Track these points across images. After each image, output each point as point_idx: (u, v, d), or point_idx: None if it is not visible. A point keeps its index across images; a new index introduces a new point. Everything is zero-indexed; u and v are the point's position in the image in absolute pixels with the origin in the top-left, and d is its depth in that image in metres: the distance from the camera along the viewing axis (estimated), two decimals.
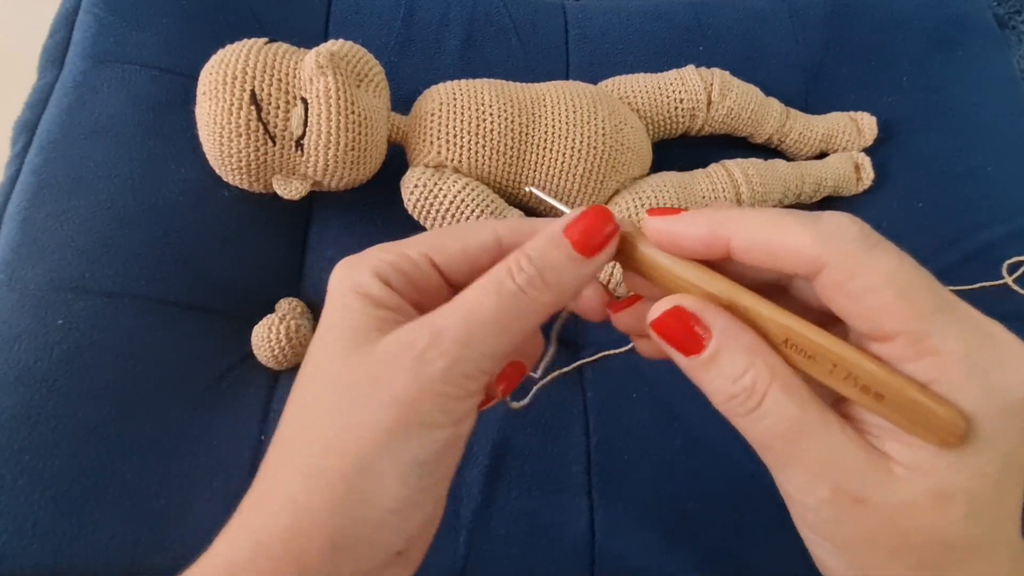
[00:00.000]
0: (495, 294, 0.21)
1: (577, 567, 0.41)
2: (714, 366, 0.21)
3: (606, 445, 0.44)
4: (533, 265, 0.21)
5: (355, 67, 0.43)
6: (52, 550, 0.36)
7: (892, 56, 0.61)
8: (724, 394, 0.21)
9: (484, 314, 0.21)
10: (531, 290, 0.21)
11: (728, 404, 0.21)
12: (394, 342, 0.21)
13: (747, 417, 0.21)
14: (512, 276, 0.21)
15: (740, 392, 0.20)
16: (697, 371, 0.21)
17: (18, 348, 0.40)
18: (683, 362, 0.21)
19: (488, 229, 0.24)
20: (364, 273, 0.23)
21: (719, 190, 0.49)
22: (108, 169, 0.45)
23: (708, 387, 0.21)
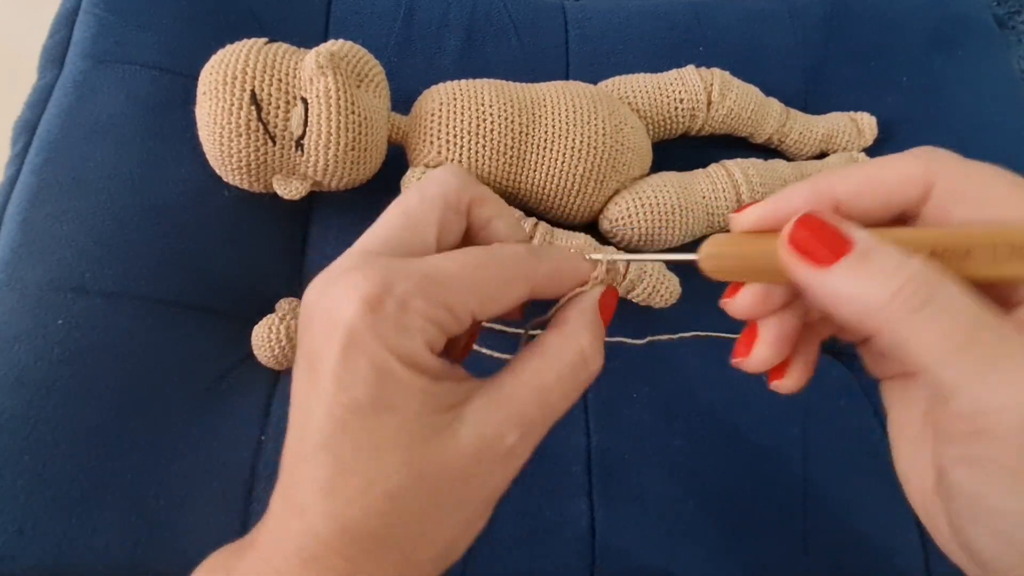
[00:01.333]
0: (574, 382, 0.22)
1: (577, 567, 0.41)
2: (867, 265, 0.18)
3: (606, 445, 0.45)
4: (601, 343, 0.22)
5: (355, 67, 0.43)
6: (52, 550, 0.36)
7: (892, 56, 0.61)
8: (885, 293, 0.18)
9: (565, 404, 0.22)
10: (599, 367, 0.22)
11: (892, 305, 0.18)
12: (478, 436, 0.20)
13: (921, 312, 0.17)
14: (590, 363, 0.22)
15: (906, 283, 0.17)
16: (847, 277, 0.18)
17: (18, 348, 0.40)
18: (823, 278, 0.19)
19: (526, 283, 0.22)
20: (417, 342, 0.20)
21: (719, 190, 0.49)
22: (108, 169, 0.45)
23: (862, 293, 0.18)
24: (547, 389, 0.21)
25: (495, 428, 0.20)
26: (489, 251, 0.22)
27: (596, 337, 0.22)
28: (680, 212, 0.47)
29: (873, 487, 0.46)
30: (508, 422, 0.20)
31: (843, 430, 0.48)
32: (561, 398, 0.21)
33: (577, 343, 0.22)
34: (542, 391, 0.21)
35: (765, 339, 0.23)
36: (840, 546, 0.44)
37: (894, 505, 0.45)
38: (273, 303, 0.46)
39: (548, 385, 0.21)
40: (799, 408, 0.47)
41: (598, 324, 0.23)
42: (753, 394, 0.48)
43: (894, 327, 0.18)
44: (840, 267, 0.18)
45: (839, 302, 0.19)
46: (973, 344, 0.17)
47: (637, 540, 0.42)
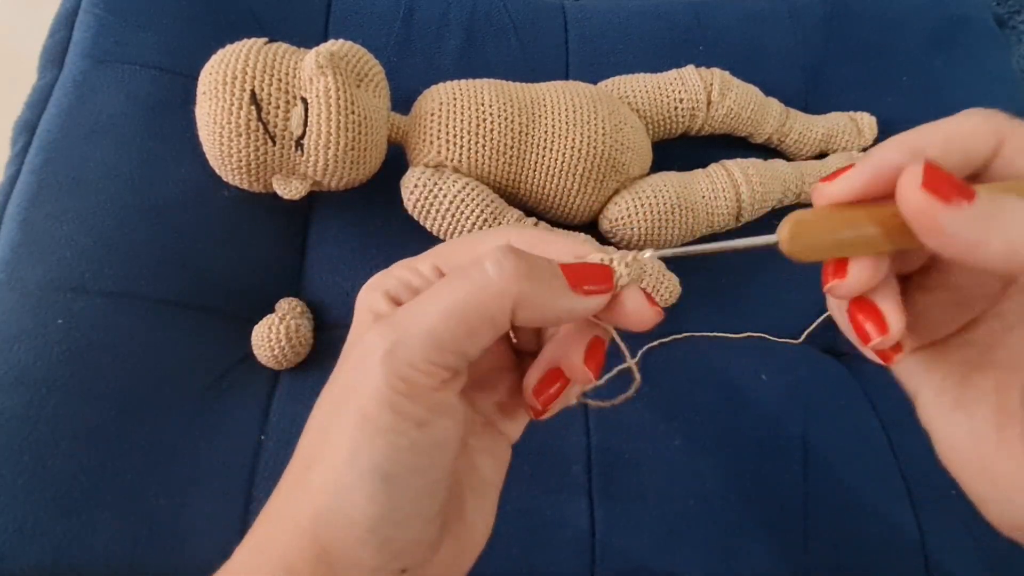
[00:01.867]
0: (453, 277, 0.20)
1: (577, 566, 0.41)
2: (1001, 203, 0.18)
3: (606, 445, 0.44)
4: (519, 259, 0.20)
5: (355, 67, 0.43)
6: (52, 550, 0.36)
7: (892, 56, 0.61)
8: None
9: (434, 298, 0.19)
10: (493, 273, 0.19)
11: None
12: (360, 344, 0.20)
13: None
14: (479, 260, 0.20)
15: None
16: (987, 214, 0.18)
17: (18, 348, 0.40)
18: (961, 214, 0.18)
19: (500, 236, 0.22)
20: (377, 293, 0.22)
21: (719, 190, 0.49)
22: (108, 169, 0.45)
23: (1009, 226, 0.18)
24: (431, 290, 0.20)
25: (373, 334, 0.19)
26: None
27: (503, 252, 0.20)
28: (680, 212, 0.47)
29: (873, 487, 0.46)
30: (378, 326, 0.20)
31: (843, 430, 0.47)
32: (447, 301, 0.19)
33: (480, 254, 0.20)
34: (424, 294, 0.20)
35: (892, 308, 0.21)
36: (840, 546, 0.44)
37: (894, 505, 0.45)
38: (273, 303, 0.46)
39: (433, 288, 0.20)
40: (799, 408, 0.47)
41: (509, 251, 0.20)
42: (753, 394, 0.48)
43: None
44: (978, 205, 0.18)
45: (985, 240, 0.18)
46: None
47: (637, 540, 0.42)
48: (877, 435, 0.47)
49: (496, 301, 0.19)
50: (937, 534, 0.44)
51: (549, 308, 0.20)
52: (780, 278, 0.53)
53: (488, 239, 0.22)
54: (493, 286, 0.19)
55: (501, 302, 0.19)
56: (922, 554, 0.44)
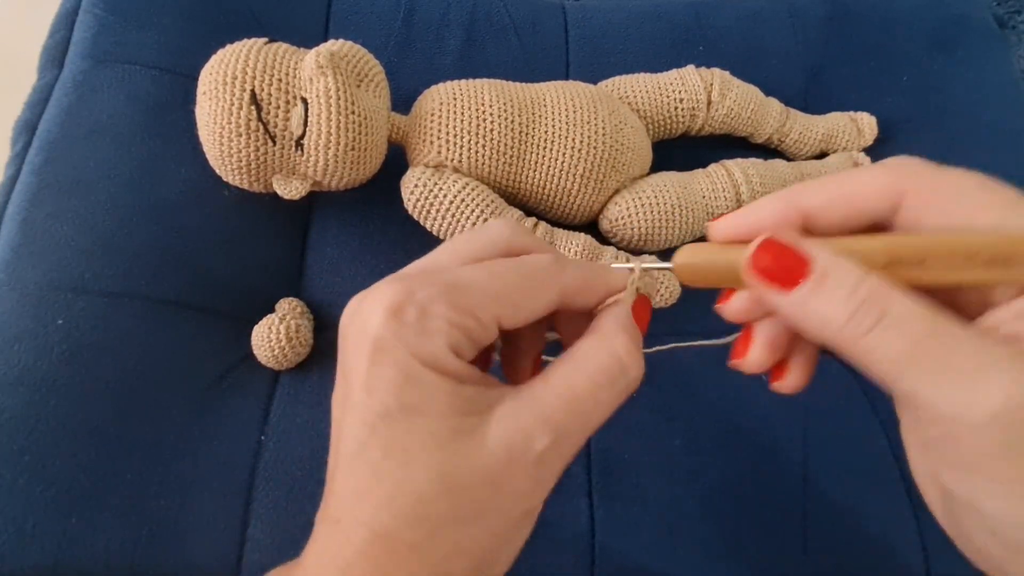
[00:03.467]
0: (611, 388, 0.21)
1: (577, 566, 0.41)
2: (824, 288, 0.19)
3: (606, 445, 0.44)
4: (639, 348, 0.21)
5: (355, 67, 0.43)
6: (52, 550, 0.36)
7: (892, 56, 0.61)
8: (842, 315, 0.18)
9: (601, 412, 0.21)
10: (639, 375, 0.21)
11: (848, 326, 0.18)
12: (506, 439, 0.20)
13: (874, 331, 0.18)
14: (628, 369, 0.21)
15: (860, 305, 0.18)
16: (806, 301, 0.19)
17: (18, 348, 0.40)
18: (785, 300, 0.19)
19: (555, 289, 0.22)
20: (439, 344, 0.20)
21: (719, 190, 0.49)
22: (108, 169, 0.45)
23: (822, 314, 0.19)
24: (579, 394, 0.21)
25: (524, 432, 0.20)
26: (516, 261, 0.22)
27: (632, 341, 0.22)
28: (680, 212, 0.47)
29: (873, 487, 0.46)
30: (537, 427, 0.20)
31: (843, 430, 0.47)
32: (596, 405, 0.21)
33: (611, 346, 0.21)
34: (573, 396, 0.20)
35: (760, 341, 0.23)
36: (840, 546, 0.44)
37: (894, 505, 0.45)
38: (273, 303, 0.46)
39: (580, 389, 0.21)
40: (799, 408, 0.47)
41: (634, 328, 0.22)
42: (753, 394, 0.48)
43: (852, 346, 0.19)
44: (800, 291, 0.19)
45: (801, 323, 0.20)
46: (925, 353, 0.18)
47: (637, 540, 0.42)
48: (877, 435, 0.47)
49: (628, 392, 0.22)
50: (937, 534, 0.44)
51: None
52: None
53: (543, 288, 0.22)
54: (634, 388, 0.21)
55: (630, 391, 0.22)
56: (922, 554, 0.44)
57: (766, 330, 0.23)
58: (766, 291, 0.20)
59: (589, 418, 0.21)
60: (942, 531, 0.42)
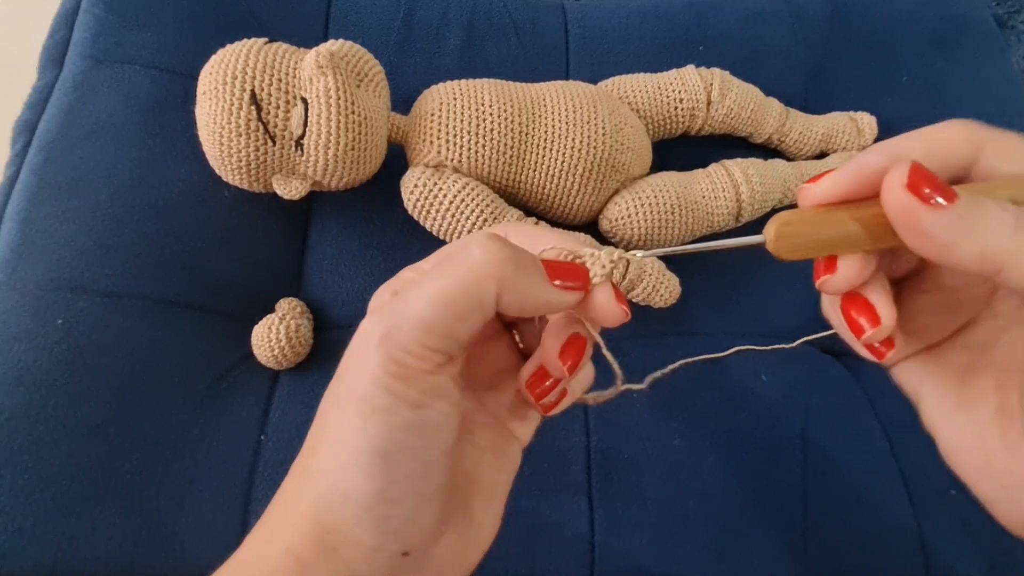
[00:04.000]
0: (439, 261, 0.21)
1: (577, 566, 0.41)
2: (981, 204, 0.19)
3: (606, 445, 0.44)
4: (503, 245, 0.20)
5: (355, 67, 0.43)
6: (52, 550, 0.36)
7: (892, 56, 0.61)
8: (1007, 226, 0.18)
9: (424, 283, 0.20)
10: (478, 255, 0.20)
11: (1017, 236, 0.18)
12: (356, 333, 0.21)
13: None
14: (464, 244, 0.20)
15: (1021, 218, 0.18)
16: (967, 216, 0.19)
17: (18, 348, 0.40)
18: (942, 216, 0.19)
19: (498, 231, 0.22)
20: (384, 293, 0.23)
21: (719, 190, 0.49)
22: (108, 169, 0.45)
23: (986, 227, 0.19)
24: (420, 279, 0.21)
25: (365, 322, 0.21)
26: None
27: (487, 236, 0.21)
28: (680, 212, 0.47)
29: (873, 487, 0.46)
30: (372, 314, 0.21)
31: (842, 430, 0.47)
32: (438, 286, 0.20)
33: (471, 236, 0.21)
34: (415, 282, 0.21)
35: (883, 301, 0.22)
36: (840, 546, 0.44)
37: (894, 505, 0.45)
38: (273, 303, 0.46)
39: (422, 276, 0.21)
40: (799, 408, 0.47)
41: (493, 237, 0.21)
42: (753, 394, 0.48)
43: (1020, 258, 0.18)
44: (958, 207, 0.19)
45: (961, 241, 0.19)
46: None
47: (637, 540, 0.42)
48: (876, 435, 0.47)
49: (482, 284, 0.20)
50: (936, 533, 0.44)
51: (529, 296, 0.21)
52: (779, 278, 0.53)
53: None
54: (479, 269, 0.20)
55: (486, 285, 0.20)
56: (922, 554, 0.44)
57: (880, 291, 0.22)
58: (924, 210, 0.19)
59: (427, 299, 0.20)
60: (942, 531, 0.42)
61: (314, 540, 0.20)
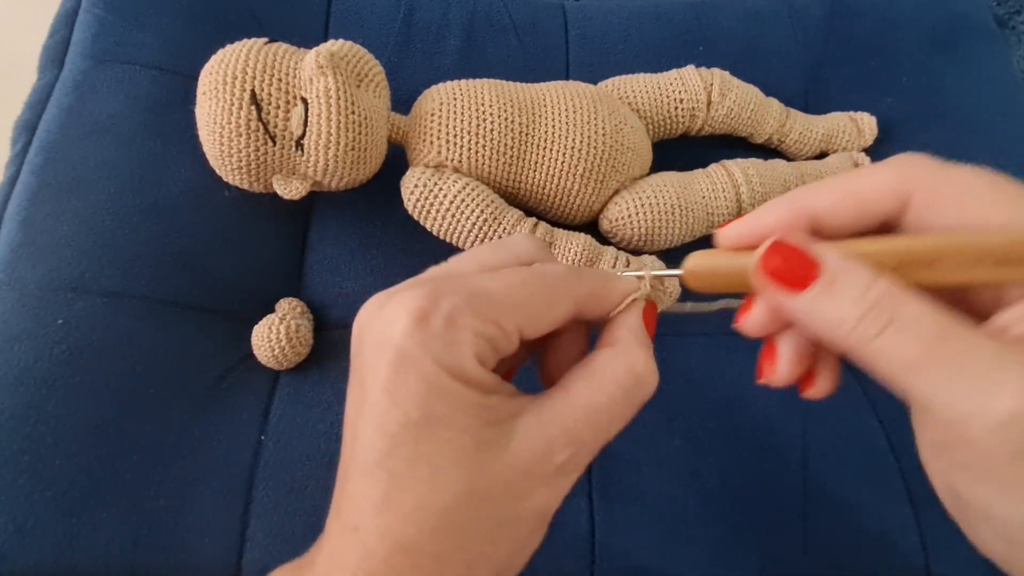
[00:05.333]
0: (629, 403, 0.22)
1: (577, 567, 0.41)
2: (834, 290, 0.19)
3: (606, 445, 0.44)
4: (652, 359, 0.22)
5: (355, 67, 0.43)
6: (52, 550, 0.36)
7: (892, 56, 0.61)
8: (852, 318, 0.18)
9: (618, 425, 0.22)
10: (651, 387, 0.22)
11: (858, 329, 0.18)
12: (528, 451, 0.20)
13: (884, 334, 0.18)
14: (644, 384, 0.22)
15: (870, 308, 0.18)
16: (816, 304, 0.19)
17: (18, 348, 0.40)
18: (796, 303, 0.19)
19: (570, 300, 0.22)
20: (466, 355, 0.20)
21: (719, 190, 0.49)
22: (108, 169, 0.45)
23: (832, 317, 0.19)
24: (598, 409, 0.21)
25: (545, 444, 0.20)
26: (533, 270, 0.22)
27: (648, 353, 0.22)
28: (680, 212, 0.47)
29: (873, 487, 0.46)
30: (558, 440, 0.20)
31: (843, 430, 0.47)
32: (612, 418, 0.21)
33: (629, 360, 0.22)
34: (593, 411, 0.21)
35: (785, 354, 0.23)
36: (840, 546, 0.44)
37: (894, 505, 0.45)
38: (273, 303, 0.46)
39: (599, 405, 0.21)
40: (799, 408, 0.47)
41: (647, 340, 0.23)
42: (753, 394, 0.48)
43: (862, 350, 0.19)
44: (809, 293, 0.19)
45: (811, 325, 0.20)
46: (938, 356, 0.17)
47: (637, 540, 0.42)
48: (877, 435, 0.47)
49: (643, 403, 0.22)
50: (937, 534, 0.44)
51: None
52: None
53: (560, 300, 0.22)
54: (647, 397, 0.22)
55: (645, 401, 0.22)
56: (922, 554, 0.44)
57: (790, 343, 0.23)
58: (776, 294, 0.20)
59: (606, 430, 0.21)
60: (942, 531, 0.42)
61: None
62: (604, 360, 0.22)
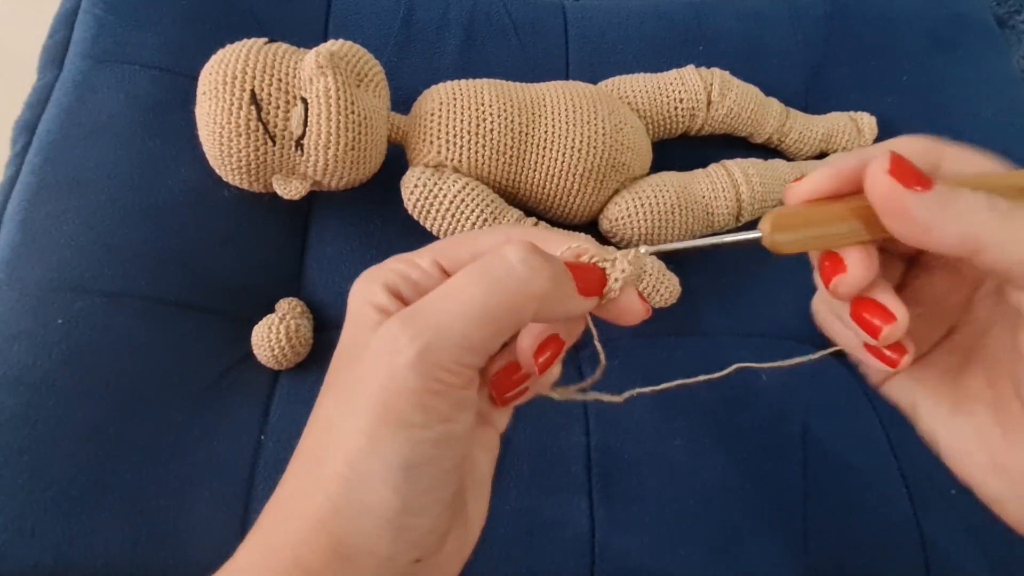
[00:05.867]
0: (479, 275, 0.20)
1: (577, 567, 0.41)
2: (956, 190, 0.20)
3: (606, 445, 0.44)
4: (546, 259, 0.20)
5: (355, 67, 0.43)
6: (52, 550, 0.36)
7: (892, 56, 0.61)
8: (982, 205, 0.19)
9: (463, 297, 0.19)
10: (525, 273, 0.19)
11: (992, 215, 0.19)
12: (375, 338, 0.20)
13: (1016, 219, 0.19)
14: (504, 257, 0.20)
15: (994, 199, 0.19)
16: (946, 198, 0.19)
17: (18, 348, 0.40)
18: (924, 198, 0.20)
19: (500, 234, 0.22)
20: (375, 285, 0.22)
21: (719, 190, 0.49)
22: (108, 169, 0.45)
23: (963, 208, 0.19)
24: (446, 287, 0.20)
25: (386, 330, 0.20)
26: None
27: (529, 248, 0.20)
28: (680, 212, 0.47)
29: (873, 487, 0.46)
30: (395, 321, 0.20)
31: (843, 430, 0.47)
32: (474, 302, 0.19)
33: (500, 249, 0.20)
34: (441, 290, 0.20)
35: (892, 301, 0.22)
36: (840, 546, 0.44)
37: (894, 505, 0.45)
38: (273, 303, 0.46)
39: (456, 286, 0.20)
40: (799, 408, 0.47)
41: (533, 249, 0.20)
42: (753, 394, 0.48)
43: (998, 235, 0.19)
44: (937, 191, 0.19)
45: (941, 222, 0.19)
46: None
47: (637, 540, 0.42)
48: (877, 435, 0.47)
49: (528, 302, 0.20)
50: (937, 533, 0.44)
51: (561, 309, 0.21)
52: (779, 277, 0.53)
53: (488, 237, 0.22)
54: (524, 288, 0.20)
55: (531, 303, 0.20)
56: (922, 554, 0.44)
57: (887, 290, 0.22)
58: (906, 193, 0.19)
59: (470, 317, 0.19)
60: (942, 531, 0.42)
61: (325, 550, 0.19)
62: None
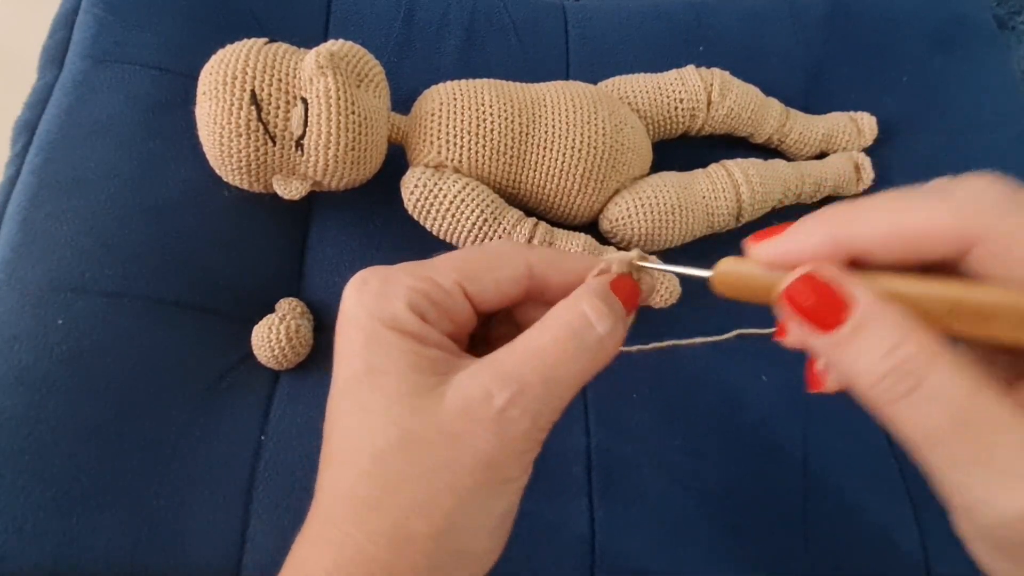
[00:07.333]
0: (576, 345, 0.20)
1: (577, 567, 0.41)
2: (860, 339, 0.17)
3: (606, 445, 0.44)
4: (612, 313, 0.21)
5: (355, 67, 0.43)
6: (52, 550, 0.36)
7: (892, 56, 0.61)
8: (873, 375, 0.17)
9: (566, 368, 0.20)
10: (612, 339, 0.21)
11: (878, 387, 0.17)
12: (463, 395, 0.20)
13: (903, 402, 0.17)
14: (594, 325, 0.21)
15: (892, 370, 0.17)
16: (840, 348, 0.18)
17: (18, 348, 0.40)
18: (819, 341, 0.18)
19: (521, 260, 0.22)
20: (397, 303, 0.21)
21: (719, 190, 0.49)
22: (108, 169, 0.45)
23: (851, 368, 0.18)
24: (541, 349, 0.20)
25: (481, 387, 0.20)
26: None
27: (601, 301, 0.21)
28: (680, 212, 0.47)
29: (873, 487, 0.46)
30: (495, 381, 0.20)
31: (843, 430, 0.47)
32: (559, 360, 0.20)
33: (577, 305, 0.21)
34: (535, 352, 0.20)
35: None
36: (840, 545, 0.44)
37: (894, 504, 0.45)
38: (273, 303, 0.46)
39: (542, 345, 0.20)
40: (799, 408, 0.47)
41: (607, 294, 0.22)
42: (753, 394, 0.48)
43: (883, 408, 0.18)
44: (834, 336, 0.18)
45: (831, 364, 0.19)
46: (961, 436, 0.16)
47: (637, 540, 0.42)
48: (877, 435, 0.47)
49: (608, 362, 0.22)
50: (937, 534, 0.44)
51: None
52: None
53: (508, 263, 0.23)
54: (611, 352, 0.21)
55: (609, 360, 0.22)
56: (922, 554, 0.44)
57: None
58: (800, 326, 0.18)
59: (553, 374, 0.20)
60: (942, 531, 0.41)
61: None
62: (554, 310, 0.21)
